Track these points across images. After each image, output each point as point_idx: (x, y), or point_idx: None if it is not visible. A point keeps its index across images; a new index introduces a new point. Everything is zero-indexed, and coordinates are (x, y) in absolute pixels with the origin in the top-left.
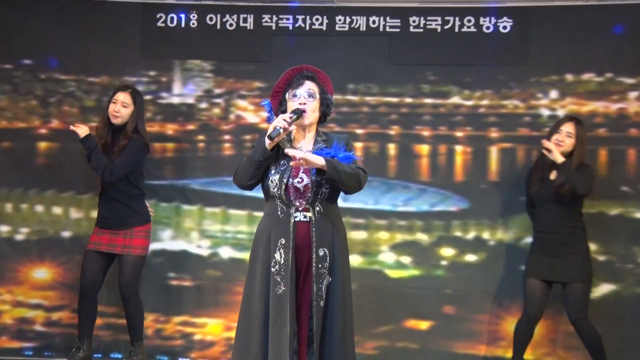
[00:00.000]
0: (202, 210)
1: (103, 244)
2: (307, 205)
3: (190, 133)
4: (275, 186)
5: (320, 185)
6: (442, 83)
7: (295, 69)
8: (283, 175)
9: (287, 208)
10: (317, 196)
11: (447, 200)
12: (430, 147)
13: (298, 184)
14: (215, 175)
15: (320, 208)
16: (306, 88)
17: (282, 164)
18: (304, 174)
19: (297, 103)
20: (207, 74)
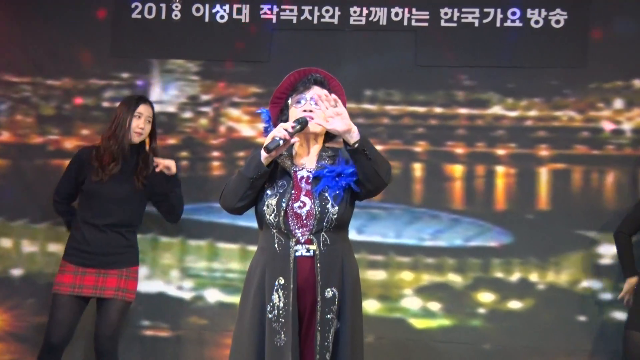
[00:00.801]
0: (185, 243)
1: (87, 287)
2: (311, 236)
3: (170, 149)
4: (272, 212)
5: (326, 211)
6: (479, 89)
7: (301, 71)
8: (282, 198)
9: (286, 240)
10: (323, 224)
11: (485, 233)
12: (464, 167)
13: (299, 209)
14: (200, 200)
15: (327, 239)
16: (313, 92)
17: (280, 184)
18: (306, 197)
19: (301, 110)
20: (193, 77)
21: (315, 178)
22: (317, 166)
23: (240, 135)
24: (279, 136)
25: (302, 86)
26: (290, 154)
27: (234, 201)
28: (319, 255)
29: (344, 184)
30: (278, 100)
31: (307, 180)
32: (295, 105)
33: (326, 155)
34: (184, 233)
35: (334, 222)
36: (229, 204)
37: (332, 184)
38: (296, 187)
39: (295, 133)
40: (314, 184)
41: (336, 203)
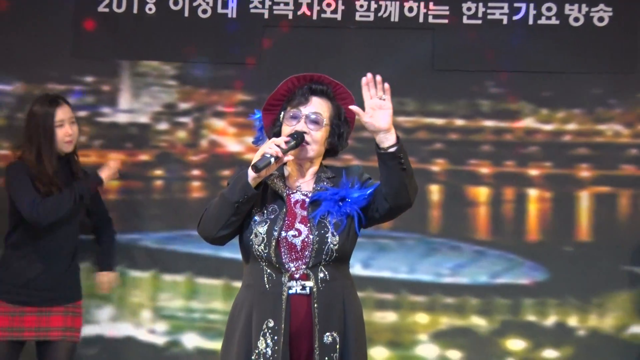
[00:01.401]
0: (158, 278)
1: (27, 330)
2: (307, 271)
3: (142, 166)
4: (260, 242)
5: (325, 241)
6: (509, 98)
7: (300, 77)
8: (273, 225)
9: (277, 275)
10: (322, 256)
11: (515, 268)
12: (491, 190)
13: (293, 239)
14: (177, 227)
15: (326, 274)
16: (311, 109)
17: (271, 209)
18: (301, 224)
19: (293, 130)
20: (169, 81)
21: (314, 202)
22: (314, 189)
23: (225, 151)
24: (270, 153)
25: (300, 97)
26: (281, 174)
27: (215, 229)
28: (316, 293)
29: (348, 210)
30: (272, 108)
31: (302, 204)
32: (288, 121)
33: (325, 177)
34: (157, 266)
35: (335, 254)
36: (209, 232)
37: (334, 209)
38: (290, 212)
39: (290, 150)
40: (312, 209)
41: (337, 232)
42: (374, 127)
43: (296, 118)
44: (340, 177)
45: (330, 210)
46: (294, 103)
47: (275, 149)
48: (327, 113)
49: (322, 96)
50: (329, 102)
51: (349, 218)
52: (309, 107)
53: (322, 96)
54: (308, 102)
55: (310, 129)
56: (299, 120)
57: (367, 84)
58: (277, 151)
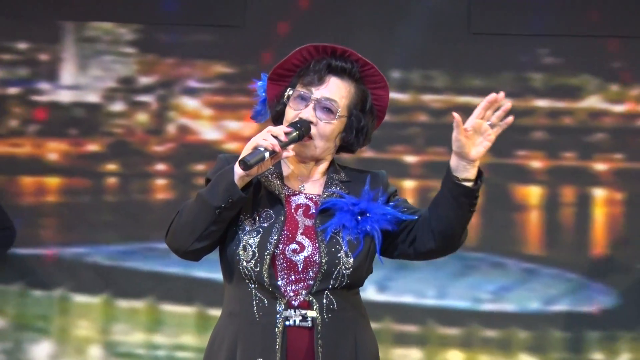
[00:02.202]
0: (111, 304)
1: None
2: (309, 297)
3: (91, 159)
4: (250, 257)
5: (336, 262)
6: (568, 70)
7: (320, 47)
8: (267, 237)
9: (270, 301)
10: (330, 281)
11: (576, 291)
12: (544, 190)
13: (294, 255)
14: (136, 238)
15: (333, 302)
16: (325, 92)
17: (265, 215)
18: (304, 237)
19: (298, 117)
20: (126, 49)
21: (325, 211)
22: (325, 193)
23: (199, 139)
24: (265, 146)
25: (313, 74)
26: (278, 172)
27: (188, 240)
28: (320, 325)
29: (368, 228)
30: (279, 79)
31: (306, 211)
32: (294, 102)
33: (338, 179)
34: (110, 289)
35: (346, 280)
36: (181, 244)
37: (351, 223)
38: (290, 220)
39: (291, 143)
40: (322, 220)
41: (353, 253)
42: (461, 150)
43: (304, 100)
44: (359, 182)
45: (346, 225)
46: (305, 80)
47: (271, 140)
48: (346, 100)
49: (343, 76)
50: (352, 86)
51: (367, 238)
52: (322, 89)
53: (344, 76)
54: (323, 83)
55: (319, 119)
56: (307, 104)
57: (489, 102)
58: (273, 144)
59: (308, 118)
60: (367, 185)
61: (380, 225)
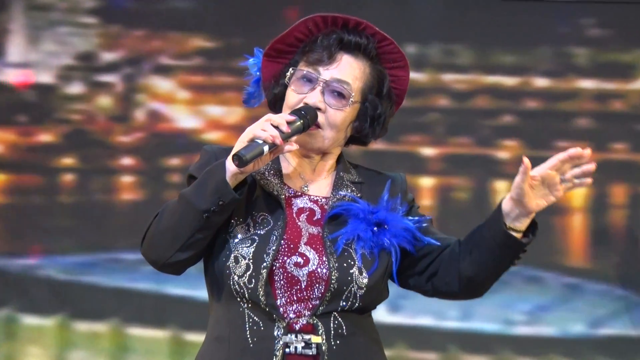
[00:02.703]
0: (67, 326)
1: None
2: (313, 320)
3: (43, 152)
4: (243, 271)
5: (348, 279)
6: (618, 44)
7: (329, 17)
8: (264, 246)
9: (267, 324)
10: (340, 302)
11: (628, 312)
12: (591, 190)
13: (296, 270)
14: (98, 247)
15: (342, 326)
16: (336, 73)
17: (261, 220)
18: (309, 247)
19: (302, 102)
20: (86, 19)
21: (334, 218)
22: (334, 196)
23: (174, 128)
24: (263, 137)
25: (322, 50)
26: (277, 168)
27: (169, 250)
28: (327, 353)
29: (386, 243)
30: (278, 56)
31: (311, 216)
32: (297, 84)
33: (348, 179)
34: (66, 308)
35: (358, 302)
36: (161, 255)
37: (367, 234)
38: (291, 227)
39: (294, 135)
40: (331, 228)
41: (368, 271)
42: (521, 199)
43: (310, 82)
44: (373, 185)
45: (362, 236)
46: (311, 57)
47: (271, 131)
48: (360, 82)
49: (357, 54)
50: (367, 65)
51: (383, 254)
52: (332, 68)
53: (358, 54)
54: (333, 61)
55: (328, 105)
56: (313, 87)
57: (570, 156)
58: (273, 135)
59: (315, 104)
60: (386, 191)
61: (398, 241)
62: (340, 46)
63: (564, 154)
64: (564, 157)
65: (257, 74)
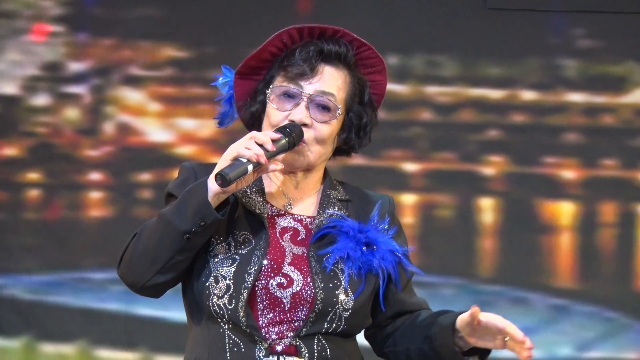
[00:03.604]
0: (33, 348)
1: None
2: (296, 342)
3: (8, 166)
4: (224, 292)
5: (333, 301)
6: (609, 56)
7: (305, 29)
8: (245, 266)
9: (248, 346)
10: (324, 323)
11: (618, 334)
12: (578, 207)
13: (278, 291)
14: (65, 266)
15: (325, 348)
16: (319, 85)
17: (242, 239)
18: (292, 268)
19: (287, 118)
20: (53, 27)
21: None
22: (321, 215)
23: (144, 142)
24: (247, 156)
25: (302, 63)
26: (259, 186)
27: (148, 272)
28: None
29: (375, 264)
30: (252, 72)
31: (294, 236)
32: (278, 100)
33: (335, 197)
34: (31, 330)
35: (343, 324)
36: (139, 277)
37: (356, 254)
38: (274, 247)
39: (280, 153)
40: (317, 247)
41: (354, 293)
42: (469, 334)
43: (293, 98)
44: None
45: (351, 255)
46: (291, 72)
47: (256, 149)
48: (343, 92)
49: (337, 64)
50: (348, 73)
51: (370, 276)
52: (315, 81)
53: (338, 64)
54: (316, 74)
55: (314, 120)
56: (297, 103)
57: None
58: (258, 154)
59: (301, 120)
60: (375, 212)
61: (385, 264)
62: (321, 57)
63: (511, 332)
64: (510, 335)
65: (228, 93)
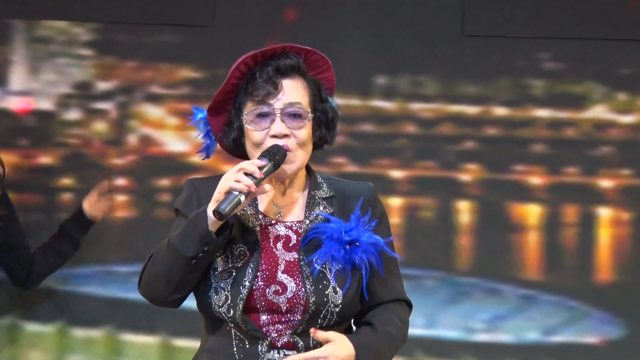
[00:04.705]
0: (65, 333)
1: None
2: (293, 338)
3: (43, 173)
4: (223, 302)
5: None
6: (571, 77)
7: (257, 55)
8: (241, 278)
9: (251, 342)
10: (317, 320)
11: (578, 321)
12: (544, 209)
13: (275, 297)
14: (94, 260)
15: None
16: (286, 98)
17: (237, 252)
18: (286, 275)
19: (268, 135)
20: (83, 50)
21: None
22: (307, 218)
23: (163, 151)
24: (239, 189)
25: (264, 85)
26: (252, 201)
27: (165, 291)
28: None
29: (357, 260)
30: (221, 107)
31: (287, 243)
32: (255, 122)
33: (320, 197)
34: (64, 316)
35: (335, 317)
36: (158, 295)
37: (340, 253)
38: (267, 256)
39: (267, 177)
40: (306, 253)
41: (342, 289)
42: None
43: (267, 116)
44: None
45: (335, 256)
46: (258, 94)
47: (246, 181)
48: (307, 97)
49: (294, 75)
50: (303, 80)
51: (355, 270)
52: (281, 96)
53: (294, 75)
54: (279, 90)
55: (292, 129)
56: (272, 119)
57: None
58: (248, 185)
59: (281, 132)
60: (357, 209)
61: (368, 256)
62: (279, 74)
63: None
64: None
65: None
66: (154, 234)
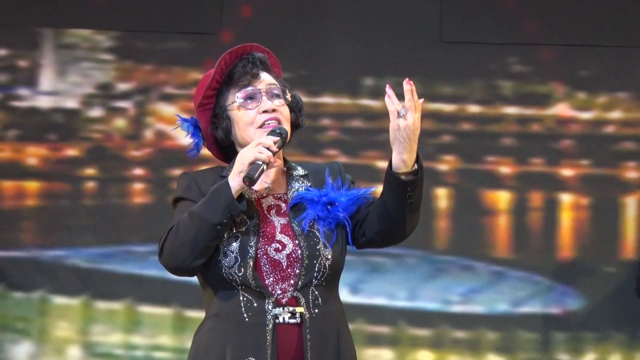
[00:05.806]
0: (90, 306)
1: None
2: (295, 294)
3: (70, 164)
4: (233, 263)
5: (317, 254)
6: (536, 78)
7: (236, 50)
8: (247, 241)
9: (259, 301)
10: (313, 274)
11: (543, 294)
12: (513, 195)
13: (276, 254)
14: (114, 241)
15: (318, 297)
16: (267, 80)
17: (240, 220)
18: (283, 235)
19: (258, 112)
20: (104, 55)
21: (296, 206)
22: (290, 189)
23: (176, 145)
24: (262, 159)
25: (245, 73)
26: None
27: (190, 258)
28: (308, 320)
29: (341, 216)
30: (207, 103)
31: (278, 210)
32: (244, 106)
33: (298, 175)
34: (89, 290)
35: (328, 271)
36: (182, 262)
37: (323, 213)
38: (265, 221)
39: (280, 150)
40: (295, 215)
41: (330, 244)
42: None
43: (254, 98)
44: (317, 175)
45: (320, 216)
46: (242, 82)
47: (267, 153)
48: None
49: (264, 67)
50: (271, 72)
51: (339, 227)
52: (261, 80)
53: (264, 67)
54: (257, 77)
55: (277, 105)
56: (259, 100)
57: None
58: (269, 156)
59: (271, 107)
60: (327, 177)
61: (348, 212)
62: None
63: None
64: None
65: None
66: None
